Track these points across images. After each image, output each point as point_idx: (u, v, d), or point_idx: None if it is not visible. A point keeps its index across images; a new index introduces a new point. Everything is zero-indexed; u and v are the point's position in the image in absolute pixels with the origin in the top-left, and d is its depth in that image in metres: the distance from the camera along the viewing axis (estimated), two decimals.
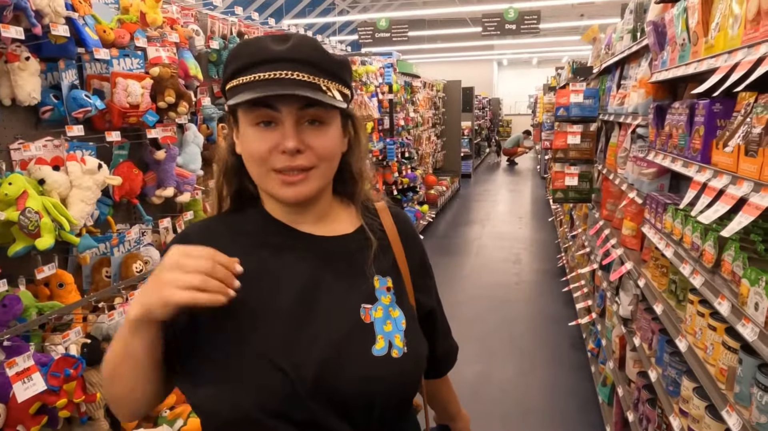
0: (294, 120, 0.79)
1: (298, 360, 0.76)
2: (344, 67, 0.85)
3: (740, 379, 1.20)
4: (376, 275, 0.87)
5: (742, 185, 1.15)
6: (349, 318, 0.82)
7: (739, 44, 1.21)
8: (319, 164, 0.82)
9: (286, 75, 0.77)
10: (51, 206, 1.95)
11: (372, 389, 0.79)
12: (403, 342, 0.83)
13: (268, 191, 0.84)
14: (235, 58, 0.81)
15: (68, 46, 2.19)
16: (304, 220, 0.89)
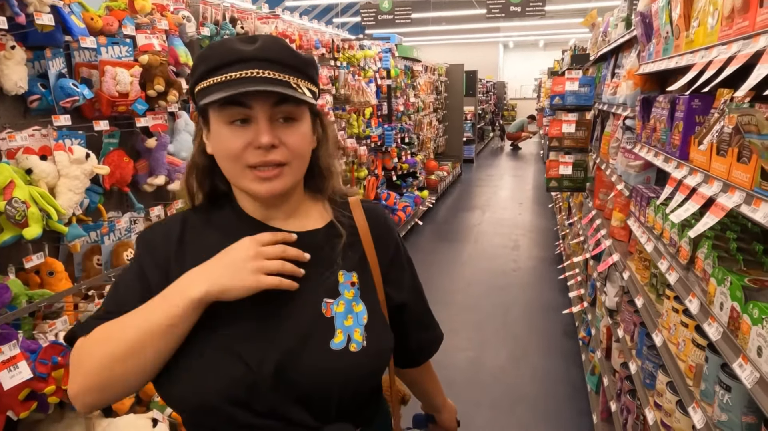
0: (267, 116, 0.81)
1: (260, 353, 0.80)
2: (311, 65, 0.87)
3: (706, 377, 1.21)
4: (341, 270, 0.90)
5: (713, 184, 1.15)
6: (310, 313, 0.85)
7: (716, 40, 1.19)
8: (291, 161, 0.84)
9: (258, 73, 0.79)
10: (38, 195, 1.96)
11: (329, 381, 0.82)
12: (362, 336, 0.85)
13: (243, 188, 0.86)
14: (204, 60, 0.83)
15: (55, 34, 2.18)
16: (275, 215, 0.91)
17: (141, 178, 2.71)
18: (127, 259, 2.46)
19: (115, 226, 2.47)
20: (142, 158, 2.71)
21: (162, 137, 2.71)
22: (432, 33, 17.43)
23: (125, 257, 2.47)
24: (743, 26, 1.03)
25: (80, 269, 2.43)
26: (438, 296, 4.56)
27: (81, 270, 2.43)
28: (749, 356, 0.96)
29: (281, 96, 0.80)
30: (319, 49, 4.62)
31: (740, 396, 1.06)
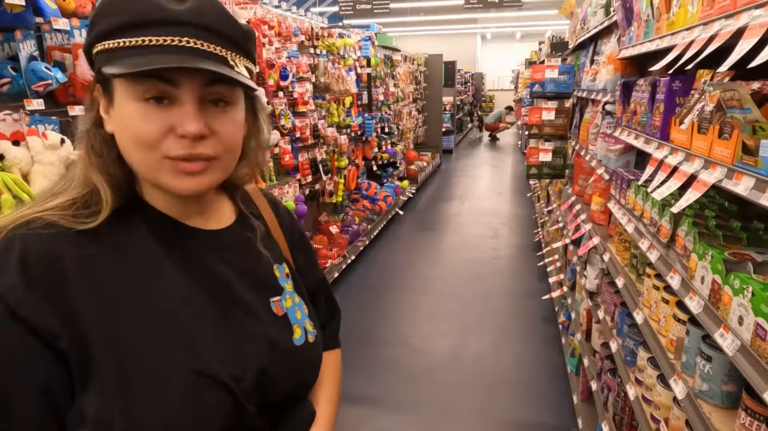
0: (197, 98, 0.66)
1: (236, 371, 0.70)
2: (250, 38, 0.72)
3: (687, 349, 1.24)
4: (274, 264, 0.83)
5: (694, 161, 1.17)
6: (266, 316, 0.77)
7: (697, 21, 1.22)
8: (222, 155, 0.69)
9: (188, 43, 0.63)
10: (12, 182, 1.91)
11: (303, 377, 0.81)
12: (312, 325, 0.83)
13: (158, 183, 0.69)
14: (112, 10, 0.64)
15: (25, 15, 2.10)
16: (192, 211, 0.77)
17: None
18: None
19: None
20: None
21: None
22: (410, 24, 17.39)
23: None
24: (725, 5, 1.06)
25: None
26: (419, 285, 4.58)
27: None
28: (730, 325, 0.99)
29: (216, 75, 0.64)
30: (299, 36, 4.56)
31: (720, 365, 1.10)
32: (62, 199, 0.69)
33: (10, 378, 0.62)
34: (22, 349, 0.62)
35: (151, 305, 0.68)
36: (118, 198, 0.70)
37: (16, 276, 0.62)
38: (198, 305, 0.71)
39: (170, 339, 0.67)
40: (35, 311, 0.62)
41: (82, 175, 0.70)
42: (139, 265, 0.70)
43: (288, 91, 4.40)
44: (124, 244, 0.70)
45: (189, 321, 0.70)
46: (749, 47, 0.85)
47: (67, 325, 0.63)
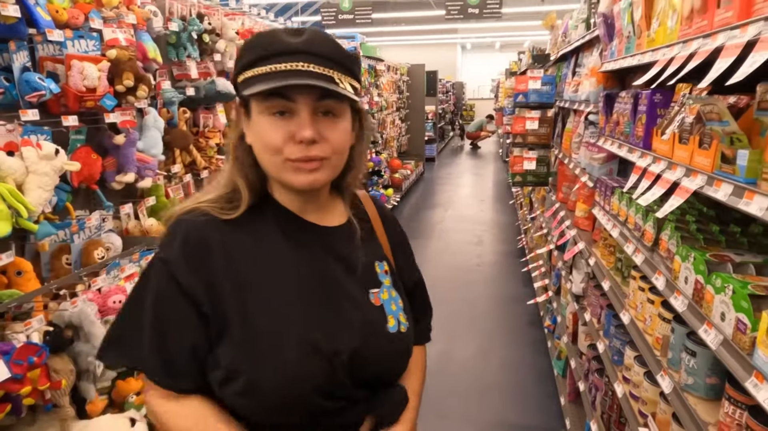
0: (310, 110, 0.81)
1: (334, 346, 0.84)
2: (355, 61, 0.87)
3: (672, 346, 1.32)
4: (375, 261, 0.96)
5: (676, 170, 1.25)
6: (363, 303, 0.91)
7: (676, 39, 1.31)
8: (331, 156, 0.85)
9: (303, 67, 0.79)
10: (7, 192, 1.90)
11: (392, 362, 0.92)
12: (405, 317, 0.94)
13: (282, 180, 0.86)
14: (249, 49, 0.83)
15: (18, 26, 2.11)
16: (310, 209, 0.93)
17: (108, 175, 2.66)
18: (98, 258, 2.41)
19: (85, 224, 2.41)
20: (109, 155, 2.65)
21: (131, 134, 2.66)
22: (392, 33, 17.57)
23: (96, 255, 2.41)
24: (702, 25, 1.14)
25: (48, 269, 2.36)
26: None
27: (49, 270, 2.36)
28: (713, 321, 1.06)
29: (324, 91, 0.80)
30: None
31: (704, 360, 1.17)
32: (213, 195, 0.90)
33: (167, 312, 0.83)
34: (177, 300, 0.83)
35: (273, 283, 0.85)
36: (253, 196, 0.89)
37: (178, 249, 0.84)
38: (310, 289, 0.87)
39: (287, 312, 0.84)
40: (186, 278, 0.83)
41: (228, 177, 0.90)
42: (266, 249, 0.88)
43: None
44: (256, 231, 0.88)
45: (302, 301, 0.85)
46: (726, 66, 0.93)
47: (208, 292, 0.83)
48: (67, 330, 2.06)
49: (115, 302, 2.29)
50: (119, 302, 2.30)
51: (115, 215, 2.70)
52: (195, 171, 3.31)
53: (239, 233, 0.87)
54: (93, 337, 2.12)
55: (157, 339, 0.82)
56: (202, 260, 0.84)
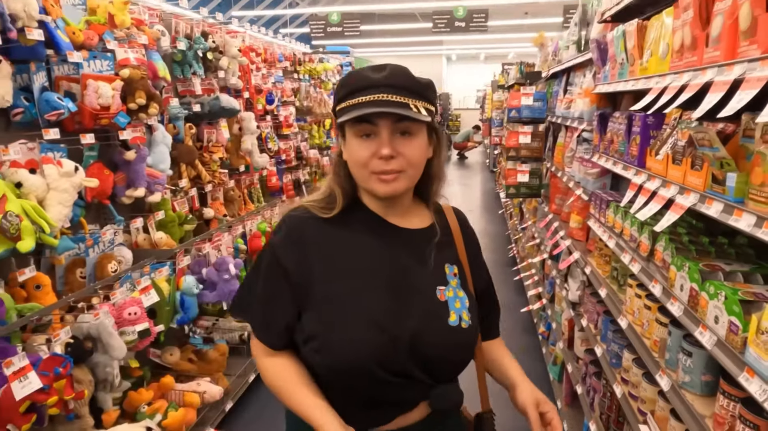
0: (389, 132, 0.98)
1: (397, 328, 0.99)
2: (429, 88, 1.04)
3: (670, 348, 1.44)
4: (446, 263, 1.10)
5: (670, 187, 1.38)
6: (429, 297, 1.04)
7: (667, 70, 1.44)
8: (407, 168, 1.01)
9: (382, 97, 0.96)
10: (31, 209, 1.97)
11: (447, 351, 1.03)
12: (468, 316, 1.06)
13: (368, 188, 1.04)
14: (344, 85, 1.02)
15: (38, 48, 2.19)
16: (391, 212, 1.09)
17: (119, 190, 2.73)
18: (112, 271, 2.47)
19: (100, 238, 2.48)
20: (119, 171, 2.73)
21: (141, 150, 2.73)
22: (378, 45, 17.76)
23: (110, 269, 2.48)
24: (692, 60, 1.28)
25: (62, 283, 2.42)
26: None
27: (63, 283, 2.42)
28: (708, 324, 1.18)
29: (400, 115, 0.97)
30: (283, 62, 4.72)
31: (700, 359, 1.30)
32: (315, 198, 1.11)
33: (270, 287, 1.06)
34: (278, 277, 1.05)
35: (353, 270, 1.04)
36: (346, 201, 1.09)
37: (282, 238, 1.07)
38: (383, 278, 1.03)
39: (361, 294, 1.02)
40: (286, 260, 1.05)
41: (327, 185, 1.11)
42: (351, 242, 1.06)
43: (273, 115, 4.53)
44: (346, 228, 1.07)
45: (374, 287, 1.03)
46: (717, 100, 1.06)
47: (302, 272, 1.04)
48: (86, 341, 2.12)
49: (130, 314, 2.36)
50: (134, 314, 2.37)
51: (125, 229, 2.77)
52: (199, 185, 3.38)
53: (332, 229, 1.07)
54: (111, 348, 2.18)
55: (262, 307, 1.07)
56: (300, 247, 1.05)
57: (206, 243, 3.10)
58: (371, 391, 1.01)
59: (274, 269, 1.06)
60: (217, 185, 3.54)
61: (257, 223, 3.78)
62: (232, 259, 3.11)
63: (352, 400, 1.03)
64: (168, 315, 2.72)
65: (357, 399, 1.03)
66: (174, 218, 3.03)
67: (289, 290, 1.04)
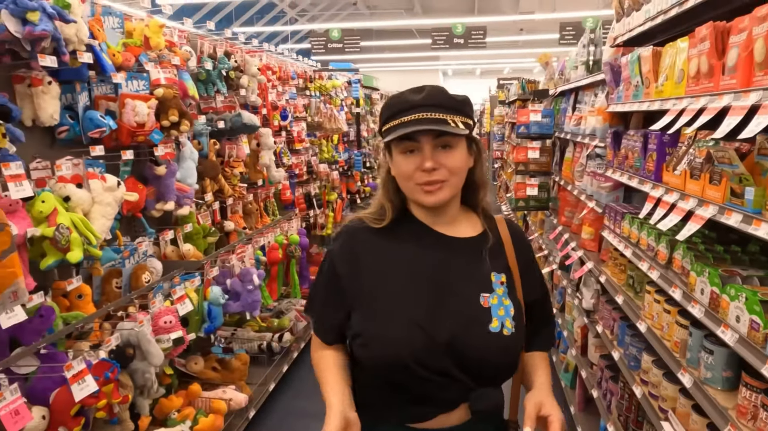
0: (430, 147, 1.07)
1: (434, 328, 1.07)
2: (465, 104, 1.13)
3: (690, 348, 1.56)
4: (493, 271, 1.15)
5: (689, 200, 1.52)
6: (472, 302, 1.11)
7: (683, 93, 1.58)
8: (450, 178, 1.10)
9: (422, 116, 1.06)
10: (78, 221, 2.08)
11: (487, 355, 1.08)
12: (511, 323, 1.11)
13: (414, 199, 1.13)
14: (387, 108, 1.12)
15: (81, 69, 2.31)
16: (439, 221, 1.17)
17: (149, 203, 2.83)
18: (146, 281, 2.57)
19: (137, 250, 2.58)
20: (149, 185, 2.84)
21: (171, 165, 2.85)
22: (376, 60, 18.03)
23: (143, 279, 2.58)
24: (708, 86, 1.42)
25: (99, 293, 2.51)
26: None
27: (100, 293, 2.51)
28: (730, 323, 1.31)
29: (439, 131, 1.06)
30: (296, 79, 4.87)
31: (721, 356, 1.41)
32: (370, 211, 1.22)
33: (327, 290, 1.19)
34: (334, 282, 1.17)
35: (399, 275, 1.13)
36: (395, 213, 1.19)
37: (339, 246, 1.20)
38: (426, 283, 1.11)
39: (403, 296, 1.11)
40: (341, 266, 1.17)
41: (378, 199, 1.21)
42: (400, 250, 1.16)
43: (287, 131, 4.67)
44: (396, 237, 1.17)
45: (417, 291, 1.11)
46: (735, 123, 1.20)
47: (352, 276, 1.15)
48: (128, 348, 2.21)
49: (165, 322, 2.45)
50: (169, 323, 2.47)
51: (154, 241, 2.87)
52: (221, 198, 3.50)
53: (382, 237, 1.17)
54: (150, 355, 2.28)
55: (319, 308, 1.22)
56: (353, 255, 1.17)
57: (231, 255, 3.20)
58: (413, 387, 1.08)
59: (331, 275, 1.18)
60: (237, 198, 3.65)
61: (275, 236, 3.88)
62: (255, 270, 3.21)
63: (396, 394, 1.11)
64: (197, 324, 2.82)
65: (401, 394, 1.10)
66: (199, 230, 3.13)
67: (341, 294, 1.15)
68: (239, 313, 3.21)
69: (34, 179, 2.18)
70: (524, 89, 6.19)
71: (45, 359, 1.95)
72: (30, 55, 1.97)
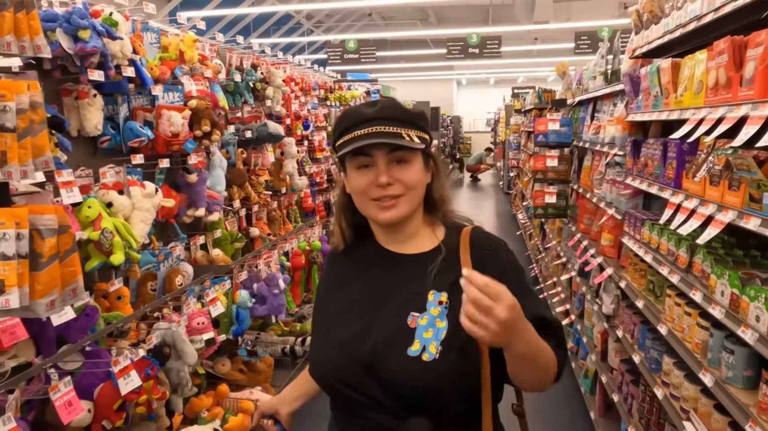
0: (385, 161, 1.03)
1: (356, 350, 1.04)
2: (421, 118, 1.09)
3: (711, 348, 1.61)
4: (432, 289, 1.05)
5: (708, 206, 1.58)
6: (397, 322, 1.04)
7: (702, 104, 1.65)
8: (406, 192, 1.05)
9: (375, 130, 1.02)
10: (121, 226, 2.19)
11: (402, 380, 1.00)
12: (437, 349, 0.99)
13: (369, 216, 1.09)
14: (340, 122, 1.09)
15: (122, 83, 2.45)
16: (395, 239, 1.12)
17: (180, 210, 2.95)
18: (179, 284, 2.68)
19: (171, 254, 2.70)
20: (181, 192, 2.96)
21: (202, 173, 2.97)
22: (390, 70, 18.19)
23: (177, 282, 2.69)
24: (727, 97, 1.48)
25: (135, 295, 2.63)
26: None
27: (136, 295, 2.63)
28: (750, 323, 1.36)
29: (393, 145, 1.02)
30: (317, 90, 5.00)
31: (741, 356, 1.47)
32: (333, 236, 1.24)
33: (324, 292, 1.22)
34: None
35: (341, 295, 1.15)
36: (350, 235, 1.18)
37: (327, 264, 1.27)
38: (362, 303, 1.09)
39: (338, 317, 1.12)
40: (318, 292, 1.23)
41: (334, 222, 1.20)
42: (349, 271, 1.17)
43: (308, 140, 4.79)
44: (350, 258, 1.18)
45: (351, 311, 1.11)
46: (753, 132, 1.27)
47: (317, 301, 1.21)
48: (165, 347, 2.32)
49: (198, 323, 2.56)
50: (201, 324, 2.57)
51: (186, 246, 2.98)
52: (247, 206, 3.61)
53: (342, 260, 1.20)
54: (185, 354, 2.38)
55: None
56: (323, 281, 1.24)
57: (259, 260, 3.30)
58: (353, 409, 1.05)
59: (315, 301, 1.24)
60: (262, 205, 3.77)
61: (298, 242, 3.99)
62: (281, 274, 3.31)
63: (345, 415, 1.09)
64: (226, 327, 2.92)
65: (347, 415, 1.08)
66: (227, 236, 3.25)
67: None
68: (264, 317, 3.31)
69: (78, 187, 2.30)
70: (540, 98, 6.25)
71: (89, 356, 2.06)
72: (79, 70, 2.10)
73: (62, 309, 1.43)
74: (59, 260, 1.38)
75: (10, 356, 1.83)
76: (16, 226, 1.26)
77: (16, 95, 1.29)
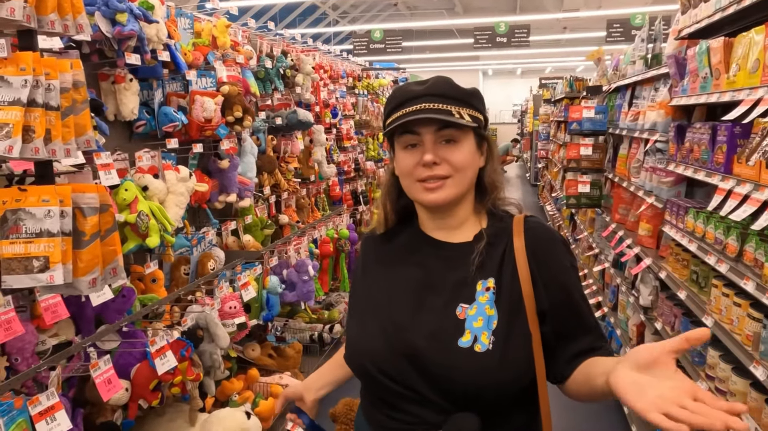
0: (431, 139, 0.98)
1: (400, 339, 0.99)
2: (474, 96, 1.02)
3: (764, 340, 1.54)
4: (480, 279, 0.99)
5: (764, 191, 1.50)
6: (446, 313, 0.98)
7: (758, 83, 1.57)
8: (453, 174, 0.99)
9: (424, 107, 0.97)
10: (156, 209, 2.21)
11: (453, 374, 0.94)
12: (489, 339, 0.94)
13: (415, 198, 1.03)
14: (390, 101, 1.04)
15: (156, 68, 2.46)
16: (442, 226, 1.06)
17: (212, 195, 2.97)
18: (210, 269, 2.71)
19: (204, 238, 2.72)
20: (213, 178, 2.97)
21: (234, 159, 2.98)
22: (416, 61, 18.05)
23: (209, 267, 2.71)
24: None
25: (168, 278, 2.66)
26: None
27: (170, 279, 2.66)
28: None
29: (443, 122, 0.96)
30: (345, 78, 4.97)
31: None
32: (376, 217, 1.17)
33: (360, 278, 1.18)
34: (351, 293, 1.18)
35: (383, 281, 1.09)
36: (396, 217, 1.12)
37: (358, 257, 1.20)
38: (405, 291, 1.04)
39: (380, 303, 1.06)
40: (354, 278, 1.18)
41: (380, 203, 1.14)
42: (391, 257, 1.11)
43: (336, 128, 4.78)
44: (392, 243, 1.12)
45: (393, 298, 1.05)
46: None
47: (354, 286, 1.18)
48: (198, 330, 2.34)
49: (230, 307, 2.58)
50: (234, 308, 2.59)
51: (217, 231, 3.01)
52: (277, 193, 3.62)
53: (381, 245, 1.14)
54: (217, 338, 2.40)
55: None
56: (361, 266, 1.17)
57: (288, 246, 3.31)
58: (390, 400, 0.99)
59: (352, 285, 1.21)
60: (291, 193, 3.77)
61: (326, 230, 3.99)
62: (310, 261, 3.31)
63: (378, 405, 1.03)
64: (257, 312, 2.94)
65: (381, 407, 1.02)
66: (258, 222, 3.26)
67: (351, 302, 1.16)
68: (293, 303, 3.32)
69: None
70: (572, 87, 6.11)
71: (126, 336, 2.09)
72: (117, 54, 2.11)
73: (102, 287, 1.44)
74: (100, 238, 1.39)
75: (52, 334, 1.87)
76: (60, 203, 1.27)
77: (60, 74, 1.30)
